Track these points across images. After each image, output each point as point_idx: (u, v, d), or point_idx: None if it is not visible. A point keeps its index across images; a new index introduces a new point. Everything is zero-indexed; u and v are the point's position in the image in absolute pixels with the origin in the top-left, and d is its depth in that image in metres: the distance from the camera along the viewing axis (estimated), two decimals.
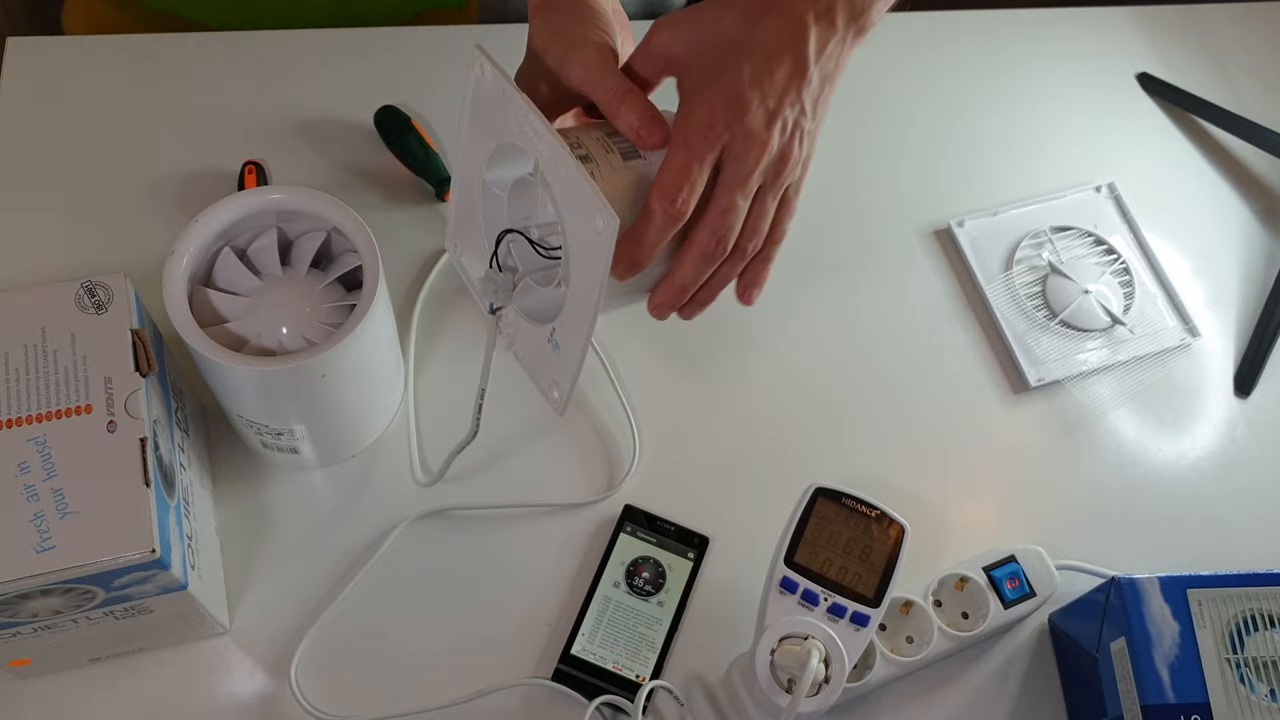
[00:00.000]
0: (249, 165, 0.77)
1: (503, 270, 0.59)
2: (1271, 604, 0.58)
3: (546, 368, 0.59)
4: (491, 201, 0.60)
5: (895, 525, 0.61)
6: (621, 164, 0.56)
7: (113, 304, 0.58)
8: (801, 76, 0.55)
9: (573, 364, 0.57)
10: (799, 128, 0.56)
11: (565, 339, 0.57)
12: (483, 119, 0.57)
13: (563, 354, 0.57)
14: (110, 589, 0.54)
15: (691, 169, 0.54)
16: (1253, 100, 0.90)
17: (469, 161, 0.60)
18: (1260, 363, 0.78)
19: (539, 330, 0.59)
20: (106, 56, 0.83)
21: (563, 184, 0.53)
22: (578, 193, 0.51)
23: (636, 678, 0.63)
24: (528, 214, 0.60)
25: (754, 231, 0.58)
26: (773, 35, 0.54)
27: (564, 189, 0.53)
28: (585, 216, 0.52)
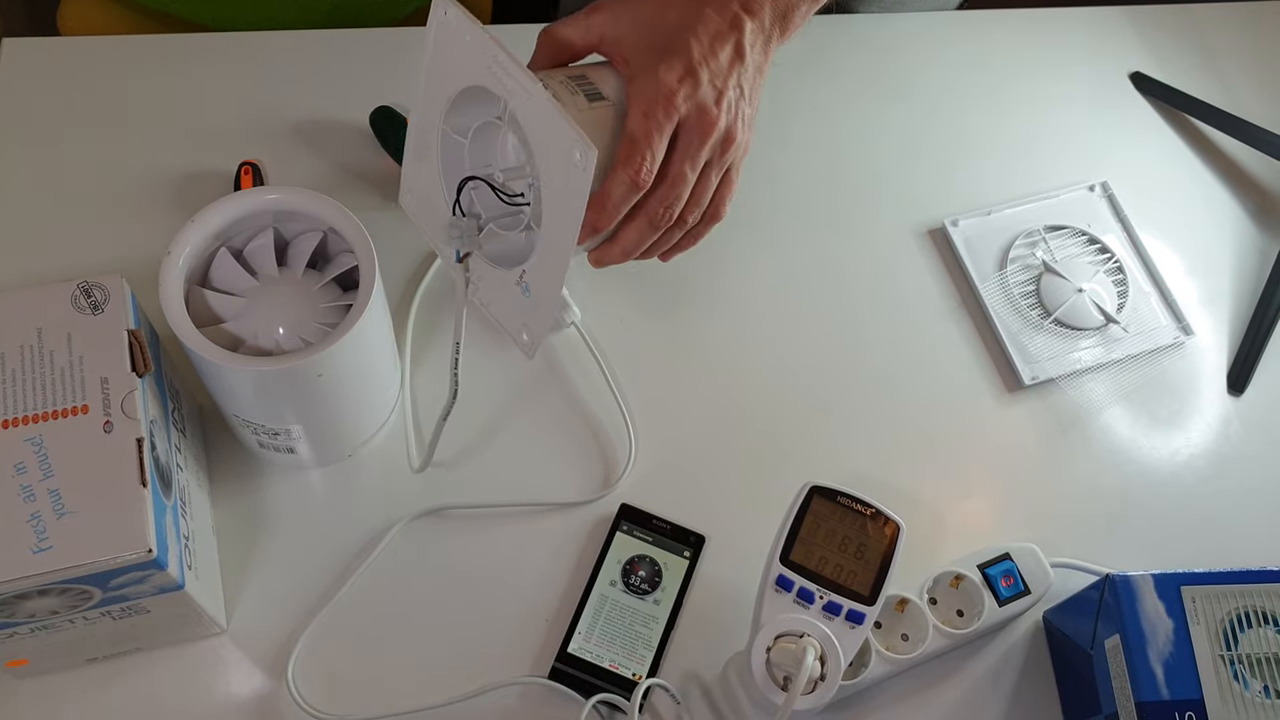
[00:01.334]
0: (245, 166, 0.77)
1: (466, 217, 0.59)
2: (1265, 601, 0.59)
3: (515, 312, 0.60)
4: (451, 150, 0.61)
5: (890, 523, 0.61)
6: (587, 105, 0.58)
7: (109, 304, 0.58)
8: (740, 61, 0.60)
9: (546, 304, 0.58)
10: (739, 110, 0.60)
11: (537, 280, 0.58)
12: (445, 64, 0.58)
13: (534, 296, 0.58)
14: (107, 589, 0.54)
15: (653, 138, 0.57)
16: (1246, 99, 0.90)
17: (427, 110, 0.60)
18: (1253, 361, 0.78)
19: (506, 275, 0.59)
20: (102, 57, 0.83)
21: (536, 119, 0.54)
22: (552, 127, 0.52)
23: (633, 676, 0.63)
24: (488, 162, 0.62)
25: (696, 204, 0.62)
26: (714, 22, 0.59)
27: (537, 124, 0.54)
28: (561, 150, 0.53)
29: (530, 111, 0.54)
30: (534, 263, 0.58)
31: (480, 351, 0.74)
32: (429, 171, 0.63)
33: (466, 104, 0.59)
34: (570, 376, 0.73)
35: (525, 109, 0.54)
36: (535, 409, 0.72)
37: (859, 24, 0.92)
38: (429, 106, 0.60)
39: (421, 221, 0.65)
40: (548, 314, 0.58)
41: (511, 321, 0.61)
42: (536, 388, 0.73)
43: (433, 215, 0.64)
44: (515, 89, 0.54)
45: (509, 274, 0.59)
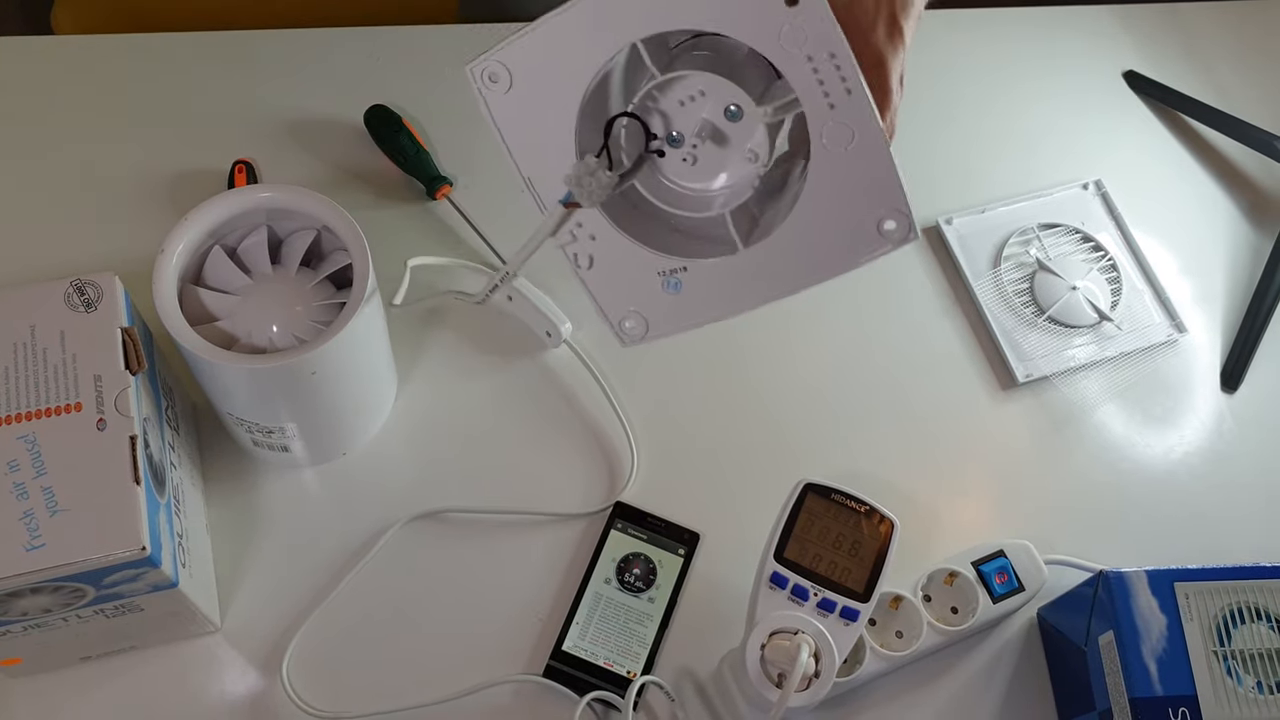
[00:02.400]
0: (239, 164, 0.77)
1: (612, 164, 0.46)
2: (1258, 597, 0.59)
3: (630, 296, 0.50)
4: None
5: (884, 521, 0.61)
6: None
7: (102, 302, 0.58)
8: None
9: (700, 317, 0.49)
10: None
11: (705, 288, 0.48)
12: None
13: (687, 299, 0.49)
14: (100, 587, 0.54)
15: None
16: (1238, 97, 0.91)
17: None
18: (1246, 358, 0.78)
19: (647, 257, 0.49)
20: (96, 56, 0.83)
21: (835, 167, 0.43)
22: (865, 182, 0.43)
23: (627, 674, 0.63)
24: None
25: None
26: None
27: (832, 172, 0.43)
28: (862, 203, 0.43)
29: (834, 149, 0.43)
30: (715, 271, 0.47)
31: (478, 355, 0.74)
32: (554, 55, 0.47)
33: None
34: (565, 382, 0.73)
35: (833, 139, 0.43)
36: (533, 414, 0.72)
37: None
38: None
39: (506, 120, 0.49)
40: (692, 324, 0.49)
41: (617, 305, 0.50)
42: (534, 394, 0.73)
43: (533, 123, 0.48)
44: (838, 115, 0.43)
45: (651, 258, 0.48)
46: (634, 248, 0.49)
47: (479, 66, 0.47)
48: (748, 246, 0.46)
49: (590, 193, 0.47)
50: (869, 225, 0.44)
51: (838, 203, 0.44)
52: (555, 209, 0.48)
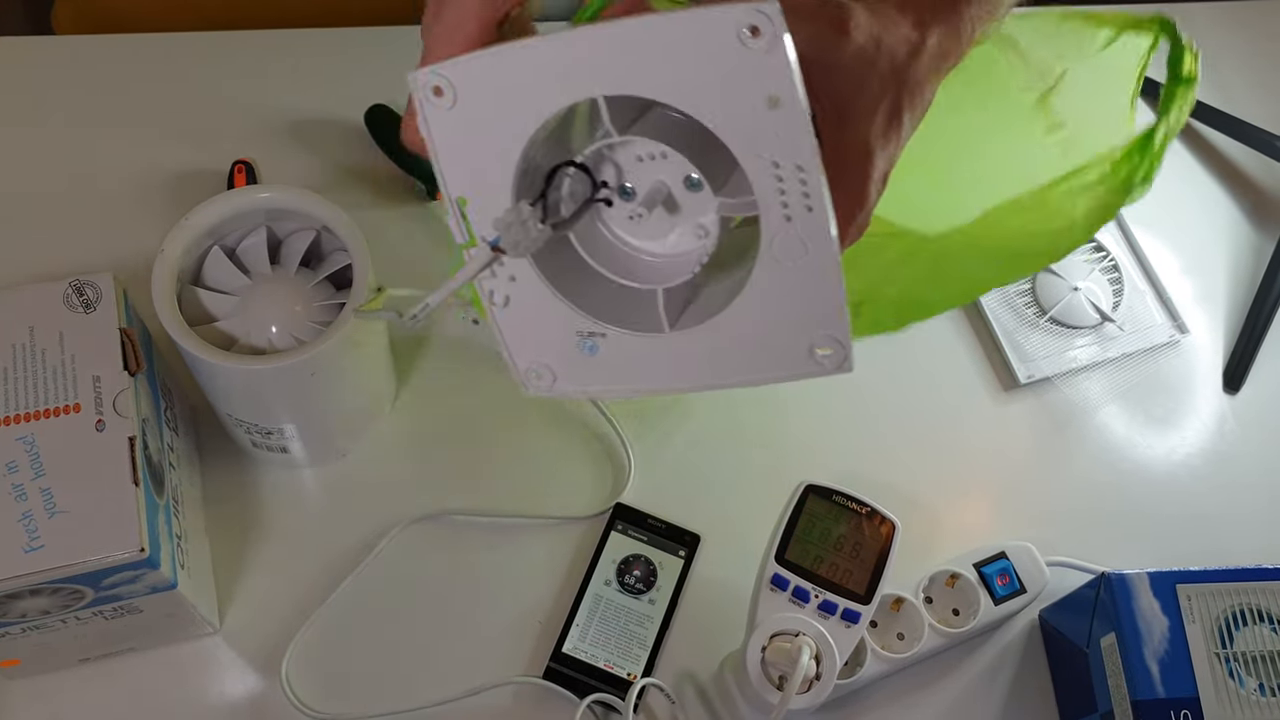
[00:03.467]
0: (238, 164, 0.77)
1: (546, 215, 0.42)
2: (1260, 599, 0.59)
3: (542, 346, 0.47)
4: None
5: (886, 522, 0.61)
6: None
7: (101, 303, 0.57)
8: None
9: (603, 384, 0.45)
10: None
11: (615, 359, 0.44)
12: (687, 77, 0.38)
13: (598, 364, 0.45)
14: (99, 589, 0.53)
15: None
16: (1240, 98, 0.90)
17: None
18: (1249, 359, 0.78)
19: (566, 314, 0.45)
20: (96, 56, 0.83)
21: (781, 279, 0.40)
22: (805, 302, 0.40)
23: (628, 676, 0.63)
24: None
25: None
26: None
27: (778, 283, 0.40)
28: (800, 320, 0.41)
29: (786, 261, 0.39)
30: (635, 346, 0.43)
31: (478, 356, 0.73)
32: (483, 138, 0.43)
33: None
34: None
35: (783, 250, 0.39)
36: (533, 415, 0.72)
37: None
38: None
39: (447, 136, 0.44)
40: (602, 391, 0.45)
41: (525, 345, 0.47)
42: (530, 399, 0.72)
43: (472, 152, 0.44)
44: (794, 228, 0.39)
45: (571, 315, 0.45)
46: (556, 300, 0.45)
47: (423, 76, 0.44)
48: (673, 329, 0.43)
49: (518, 242, 0.42)
50: (801, 345, 0.41)
51: (775, 313, 0.41)
52: (481, 251, 0.44)
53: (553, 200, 0.43)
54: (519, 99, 0.41)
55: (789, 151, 0.38)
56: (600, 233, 0.45)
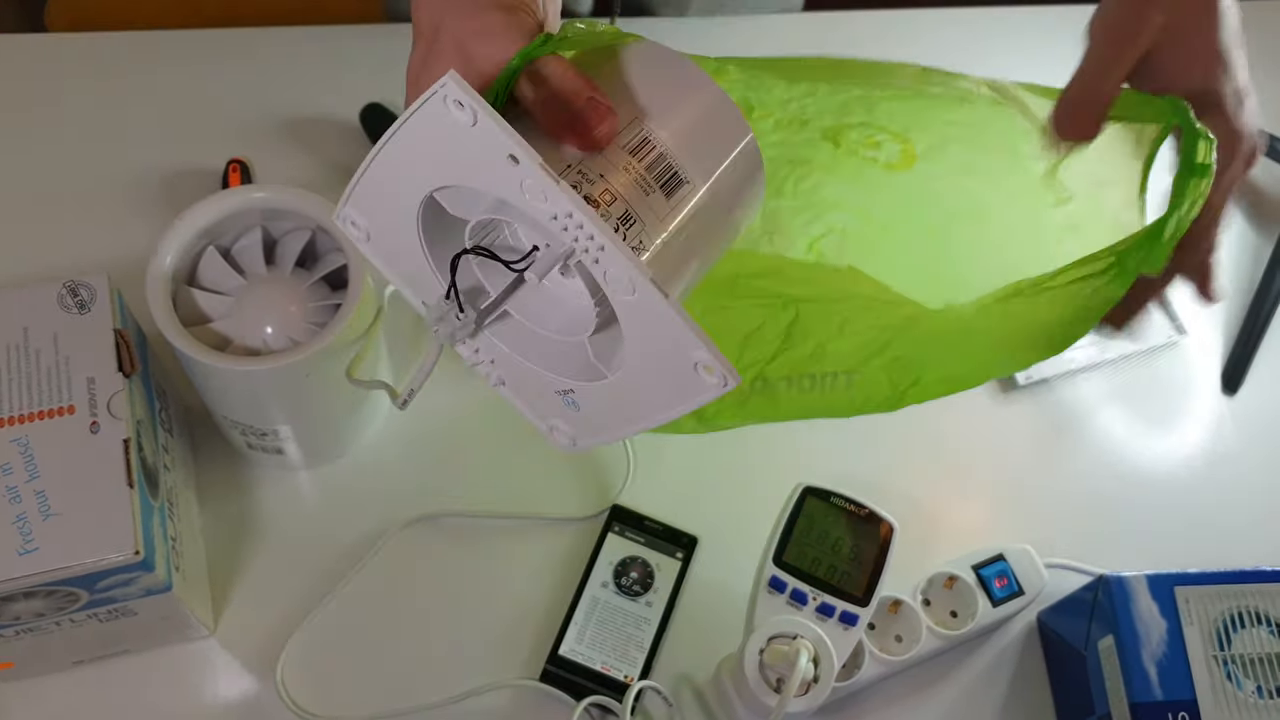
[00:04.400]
0: (233, 164, 0.77)
1: (462, 305, 0.45)
2: (1258, 601, 0.59)
3: (548, 406, 0.48)
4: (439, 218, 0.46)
5: (884, 524, 0.61)
6: (667, 207, 0.44)
7: (95, 304, 0.57)
8: None
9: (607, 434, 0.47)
10: None
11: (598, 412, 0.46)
12: (447, 160, 0.42)
13: (588, 417, 0.47)
14: (94, 591, 0.53)
15: None
16: None
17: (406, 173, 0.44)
18: (1247, 360, 0.78)
19: (542, 376, 0.47)
20: (89, 54, 0.82)
21: (635, 314, 0.41)
22: (661, 329, 0.40)
23: (625, 678, 0.63)
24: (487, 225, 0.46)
25: None
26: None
27: (635, 318, 0.41)
28: (668, 347, 0.41)
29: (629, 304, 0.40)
30: (597, 394, 0.45)
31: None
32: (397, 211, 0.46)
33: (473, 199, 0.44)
34: None
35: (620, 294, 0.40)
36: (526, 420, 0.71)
37: (853, 22, 0.92)
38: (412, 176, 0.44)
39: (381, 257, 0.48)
40: (605, 439, 0.47)
41: (538, 410, 0.49)
42: None
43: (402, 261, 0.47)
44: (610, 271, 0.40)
45: (546, 380, 0.47)
46: (531, 368, 0.47)
47: (339, 217, 0.47)
48: (611, 374, 0.44)
49: (451, 333, 0.45)
50: (688, 367, 0.41)
51: (655, 342, 0.41)
52: (431, 345, 0.48)
53: (469, 285, 0.45)
54: (394, 209, 0.45)
55: (552, 202, 0.39)
56: (536, 297, 0.47)
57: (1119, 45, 0.48)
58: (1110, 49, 0.48)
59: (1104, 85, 0.49)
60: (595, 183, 0.42)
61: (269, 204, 0.62)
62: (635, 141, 0.43)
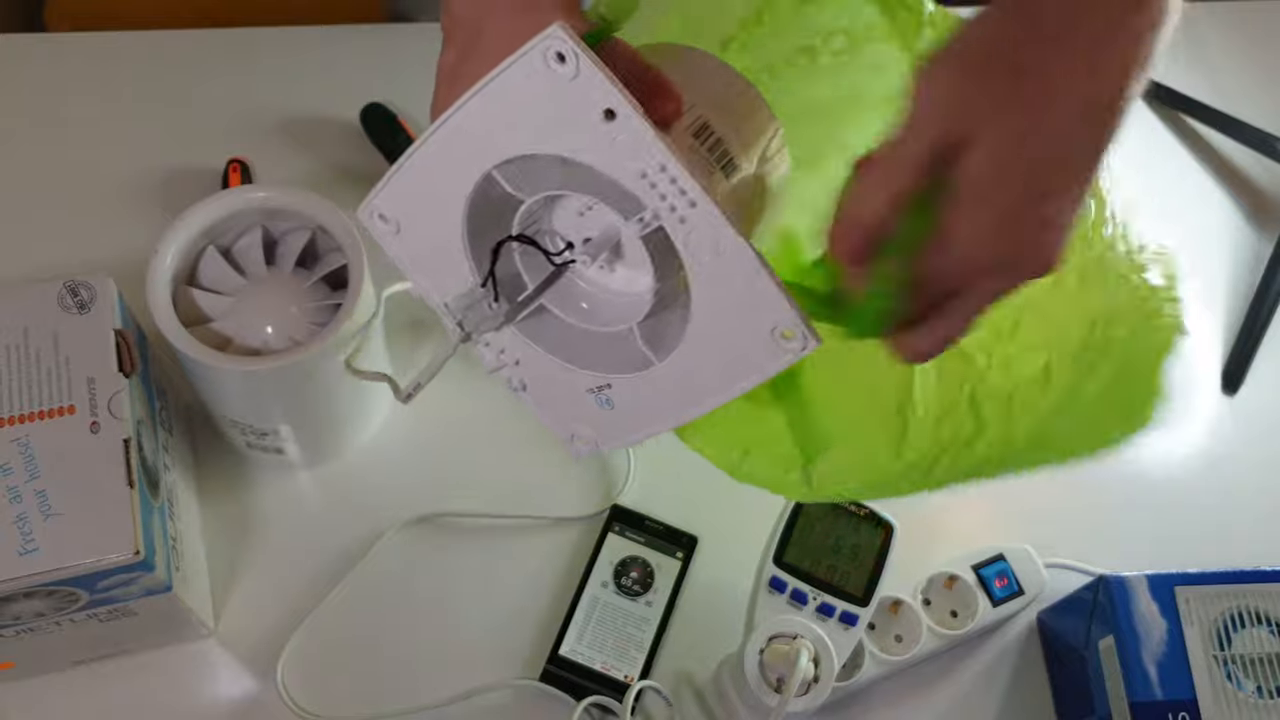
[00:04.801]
0: (233, 163, 0.77)
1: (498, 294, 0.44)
2: (1259, 601, 0.59)
3: (571, 409, 0.48)
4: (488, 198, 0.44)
5: (884, 524, 0.61)
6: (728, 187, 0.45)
7: (95, 303, 0.57)
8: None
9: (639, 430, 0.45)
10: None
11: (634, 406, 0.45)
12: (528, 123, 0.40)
13: (621, 414, 0.46)
14: (94, 591, 0.53)
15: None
16: (1239, 98, 0.90)
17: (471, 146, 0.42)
18: (1247, 360, 0.78)
19: (573, 375, 0.46)
20: (89, 54, 0.82)
21: (715, 278, 0.40)
22: (752, 292, 0.39)
23: (625, 678, 0.63)
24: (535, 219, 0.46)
25: None
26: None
27: (714, 283, 0.40)
28: (750, 312, 0.40)
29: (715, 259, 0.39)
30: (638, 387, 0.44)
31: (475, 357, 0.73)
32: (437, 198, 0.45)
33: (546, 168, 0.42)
34: None
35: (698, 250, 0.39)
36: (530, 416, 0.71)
37: None
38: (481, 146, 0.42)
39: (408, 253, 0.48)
40: (635, 438, 0.46)
41: (561, 418, 0.48)
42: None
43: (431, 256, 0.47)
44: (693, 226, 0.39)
45: (578, 376, 0.46)
46: (560, 367, 0.46)
47: (366, 210, 0.46)
48: (661, 360, 0.43)
49: (479, 323, 0.44)
50: (764, 336, 0.40)
51: (730, 315, 0.41)
52: (452, 335, 0.46)
53: (505, 275, 0.44)
54: (437, 198, 0.43)
55: (645, 156, 0.38)
56: (573, 291, 0.46)
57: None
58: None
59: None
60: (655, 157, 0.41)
61: (269, 204, 0.62)
62: (697, 125, 0.44)
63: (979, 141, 0.39)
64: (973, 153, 0.39)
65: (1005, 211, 0.40)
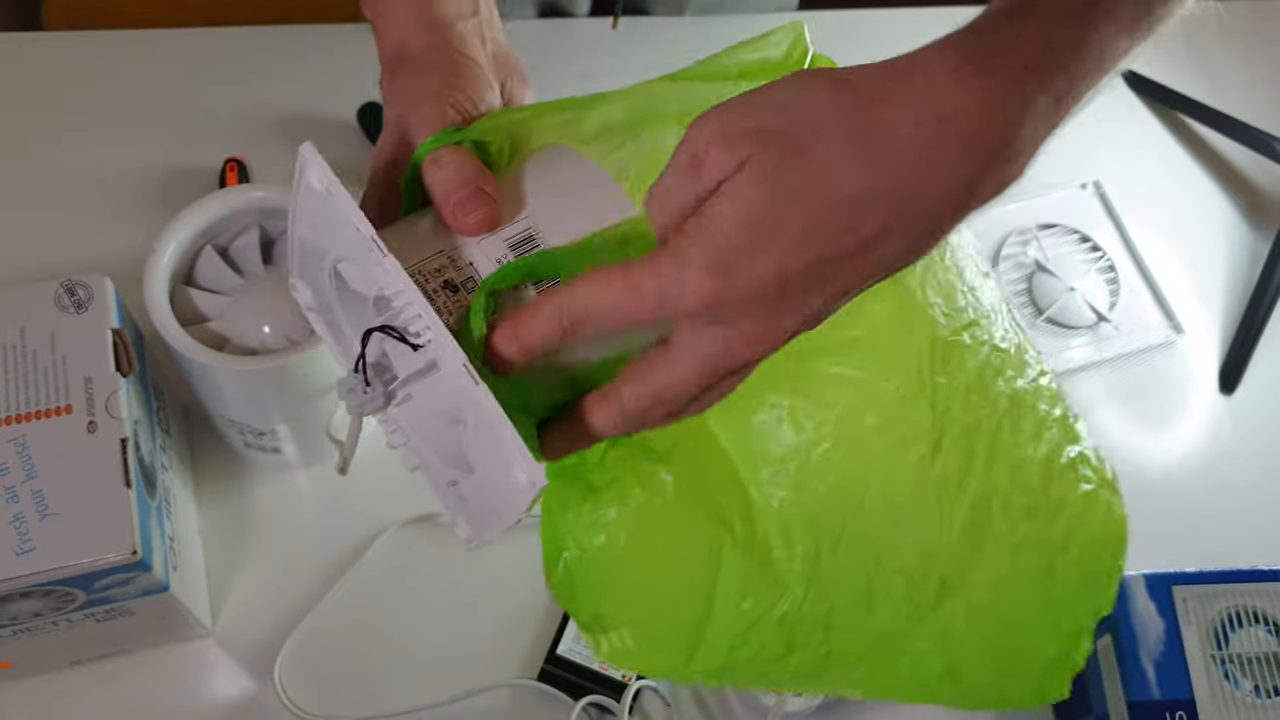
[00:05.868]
0: (230, 162, 0.77)
1: (369, 380, 0.44)
2: (1256, 601, 0.59)
3: (446, 500, 0.47)
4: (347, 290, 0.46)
5: None
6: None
7: (93, 303, 0.57)
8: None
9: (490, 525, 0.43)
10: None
11: (478, 501, 0.44)
12: (326, 231, 0.43)
13: (476, 508, 0.45)
14: (91, 591, 0.53)
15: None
16: (1238, 98, 0.90)
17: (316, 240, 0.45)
18: (1244, 359, 0.78)
19: (436, 466, 0.46)
20: (87, 53, 0.82)
21: (465, 400, 0.39)
22: (491, 434, 0.39)
23: (623, 677, 0.63)
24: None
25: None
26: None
27: (466, 404, 0.40)
28: (496, 458, 0.40)
29: (459, 393, 0.39)
30: (475, 483, 0.44)
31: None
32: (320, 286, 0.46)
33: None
34: None
35: (454, 384, 0.39)
36: None
37: (845, 21, 0.92)
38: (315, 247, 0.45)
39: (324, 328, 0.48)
40: (491, 531, 0.43)
41: (445, 502, 0.46)
42: None
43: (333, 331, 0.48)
44: (441, 357, 0.39)
45: (440, 468, 0.46)
46: (431, 453, 0.46)
47: (292, 285, 0.47)
48: (475, 466, 0.43)
49: (360, 405, 0.44)
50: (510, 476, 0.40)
51: (485, 440, 0.41)
52: (353, 417, 0.46)
53: (376, 360, 0.44)
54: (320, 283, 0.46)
55: (389, 279, 0.39)
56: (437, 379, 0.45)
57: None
58: None
59: None
60: (462, 269, 0.41)
61: (267, 203, 0.62)
62: (519, 236, 0.42)
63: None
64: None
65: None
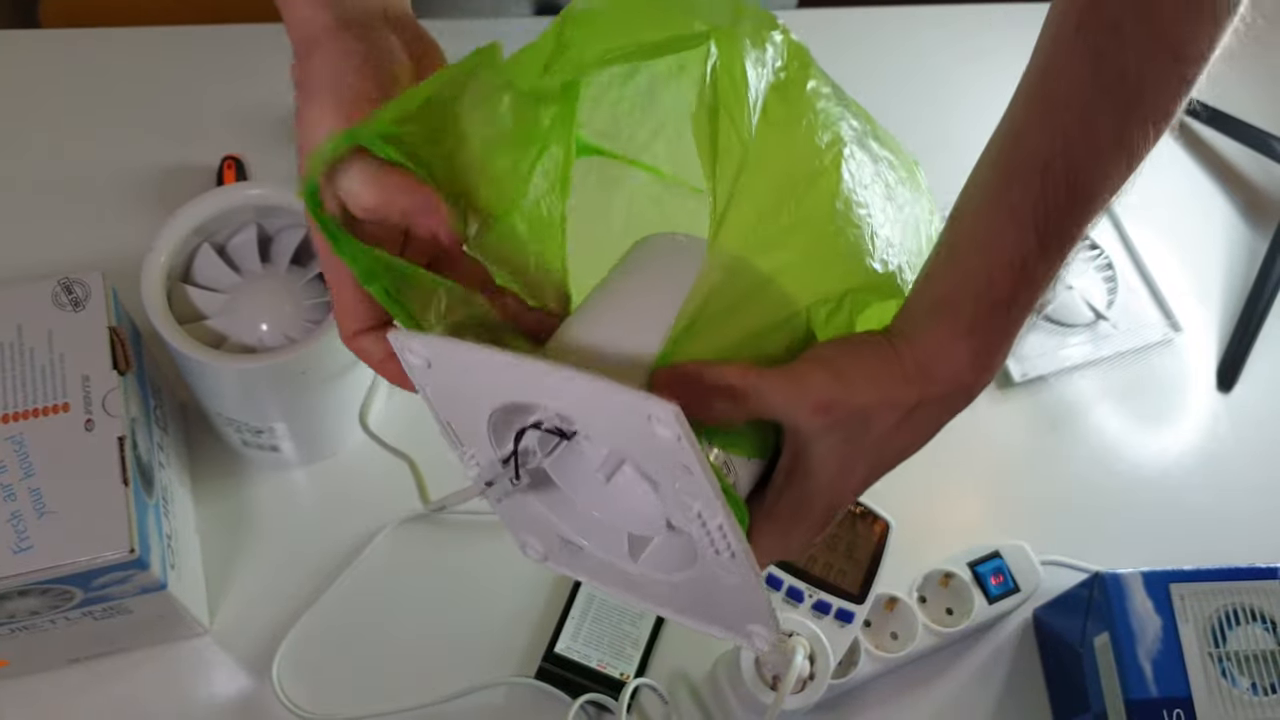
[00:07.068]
0: (228, 160, 0.76)
1: (519, 473, 0.44)
2: (1253, 598, 0.59)
3: (533, 530, 0.47)
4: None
5: (879, 522, 0.61)
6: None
7: (90, 301, 0.57)
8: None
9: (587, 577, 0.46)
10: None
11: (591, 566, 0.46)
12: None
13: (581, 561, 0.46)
14: (89, 589, 0.53)
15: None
16: (1236, 97, 0.90)
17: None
18: (1242, 358, 0.78)
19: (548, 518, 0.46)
20: (84, 51, 0.82)
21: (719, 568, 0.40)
22: (746, 594, 0.41)
23: (621, 676, 0.63)
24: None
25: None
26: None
27: (716, 569, 0.41)
28: (732, 600, 0.42)
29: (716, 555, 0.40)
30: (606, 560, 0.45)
31: None
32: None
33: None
34: None
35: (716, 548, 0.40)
36: None
37: (841, 20, 0.92)
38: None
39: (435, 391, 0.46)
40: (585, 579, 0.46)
41: (519, 530, 0.48)
42: None
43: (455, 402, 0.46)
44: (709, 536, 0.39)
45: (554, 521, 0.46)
46: (542, 509, 0.46)
47: (399, 339, 0.44)
48: (639, 564, 0.44)
49: (501, 494, 0.45)
50: (738, 621, 0.43)
51: (717, 595, 0.43)
52: (476, 484, 0.46)
53: (525, 448, 0.44)
54: (479, 386, 0.43)
55: (706, 509, 0.38)
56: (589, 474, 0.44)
57: None
58: None
59: None
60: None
61: (264, 201, 0.62)
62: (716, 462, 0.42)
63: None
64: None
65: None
